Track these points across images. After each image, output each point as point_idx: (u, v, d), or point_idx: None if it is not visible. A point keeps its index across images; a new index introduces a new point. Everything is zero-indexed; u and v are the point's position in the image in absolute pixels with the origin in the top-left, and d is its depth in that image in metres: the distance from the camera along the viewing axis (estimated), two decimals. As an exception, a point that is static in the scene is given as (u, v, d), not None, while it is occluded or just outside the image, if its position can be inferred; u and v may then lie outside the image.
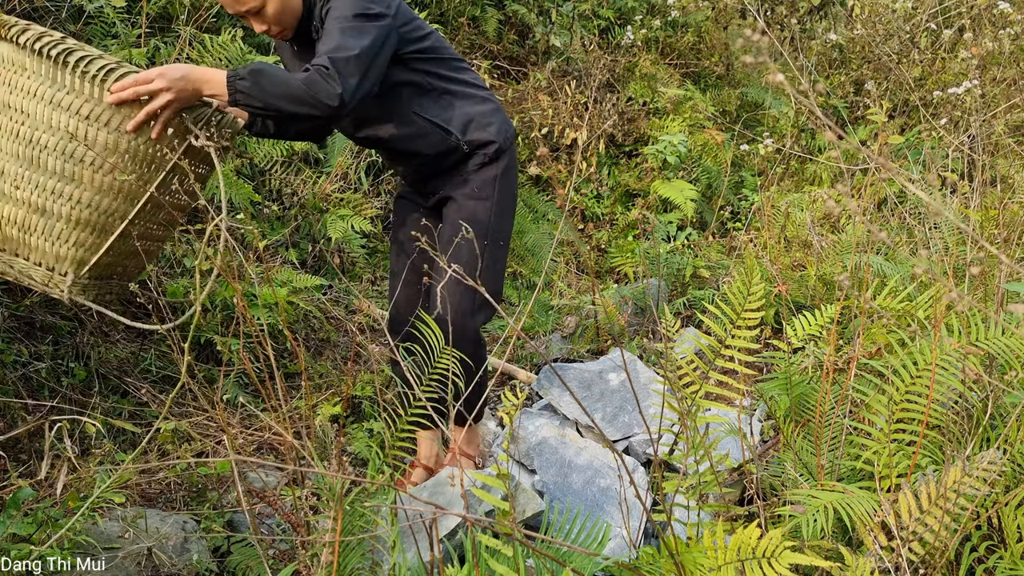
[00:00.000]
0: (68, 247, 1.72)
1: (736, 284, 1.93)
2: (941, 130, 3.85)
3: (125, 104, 1.62)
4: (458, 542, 1.76)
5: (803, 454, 1.84)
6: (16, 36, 1.63)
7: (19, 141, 1.67)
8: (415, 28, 1.94)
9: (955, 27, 4.73)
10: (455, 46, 4.31)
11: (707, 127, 4.51)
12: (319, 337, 2.88)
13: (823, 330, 2.20)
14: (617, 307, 3.13)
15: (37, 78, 1.64)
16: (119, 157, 1.68)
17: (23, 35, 1.62)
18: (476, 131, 2.02)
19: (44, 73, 1.64)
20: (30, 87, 1.65)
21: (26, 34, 1.62)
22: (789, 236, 3.39)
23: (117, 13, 2.91)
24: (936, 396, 1.60)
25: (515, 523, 1.24)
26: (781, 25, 5.31)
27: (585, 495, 2.03)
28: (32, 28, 1.63)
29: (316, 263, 3.26)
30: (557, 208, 4.11)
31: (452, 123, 2.00)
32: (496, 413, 2.62)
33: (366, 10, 1.77)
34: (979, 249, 2.46)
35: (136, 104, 1.62)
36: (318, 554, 1.36)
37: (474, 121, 2.02)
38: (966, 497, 1.38)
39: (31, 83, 1.64)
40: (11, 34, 1.64)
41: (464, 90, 2.03)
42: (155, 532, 1.71)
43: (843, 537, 1.63)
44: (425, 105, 1.99)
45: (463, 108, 2.02)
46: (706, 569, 1.30)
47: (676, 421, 1.86)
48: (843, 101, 4.73)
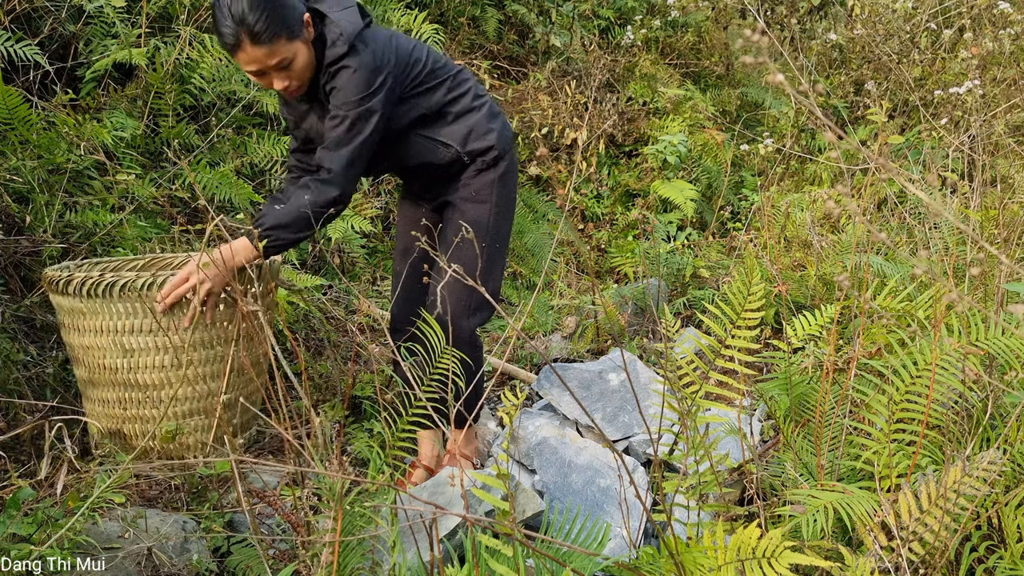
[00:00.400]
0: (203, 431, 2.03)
1: (736, 284, 1.93)
2: (941, 130, 3.85)
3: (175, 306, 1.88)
4: (458, 542, 1.76)
5: (803, 454, 1.84)
6: (64, 287, 1.89)
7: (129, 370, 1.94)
8: (413, 64, 1.97)
9: (955, 27, 4.73)
10: (455, 46, 4.31)
11: (707, 127, 4.51)
12: (319, 337, 2.87)
13: (823, 330, 2.20)
14: (617, 307, 3.13)
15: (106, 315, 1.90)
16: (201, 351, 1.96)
17: (69, 284, 1.88)
18: (475, 141, 2.05)
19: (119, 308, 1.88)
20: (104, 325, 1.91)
21: (72, 283, 1.87)
22: (789, 236, 3.39)
23: (117, 13, 2.92)
24: (936, 396, 1.60)
25: (515, 523, 1.24)
26: (781, 25, 5.31)
27: (585, 495, 2.03)
28: (74, 275, 1.89)
29: (316, 263, 3.26)
30: (557, 208, 4.11)
31: (453, 137, 2.04)
32: (496, 413, 2.62)
33: (365, 102, 1.85)
34: (979, 250, 2.47)
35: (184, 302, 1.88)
36: (318, 554, 1.36)
37: (473, 131, 2.05)
38: (966, 497, 1.38)
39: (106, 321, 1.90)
40: (59, 288, 1.90)
41: (462, 104, 2.06)
42: (155, 532, 1.71)
43: (843, 537, 1.63)
44: (426, 126, 2.04)
45: (463, 122, 2.05)
46: (706, 569, 1.30)
47: (676, 421, 1.86)
48: (843, 101, 4.73)
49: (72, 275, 1.89)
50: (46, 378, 2.23)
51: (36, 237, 2.38)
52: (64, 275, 1.91)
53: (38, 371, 2.23)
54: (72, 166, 2.53)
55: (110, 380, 1.96)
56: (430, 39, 3.86)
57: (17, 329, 2.26)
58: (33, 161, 2.42)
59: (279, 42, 1.76)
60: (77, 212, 2.50)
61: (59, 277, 1.91)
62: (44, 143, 2.45)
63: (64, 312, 1.96)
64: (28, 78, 2.77)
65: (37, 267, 2.37)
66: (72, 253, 2.45)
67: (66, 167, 2.51)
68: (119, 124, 2.77)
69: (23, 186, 2.39)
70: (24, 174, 2.38)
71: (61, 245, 2.42)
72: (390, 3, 3.94)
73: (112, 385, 1.96)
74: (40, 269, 2.37)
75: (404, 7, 4.00)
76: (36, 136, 2.44)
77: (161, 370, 1.94)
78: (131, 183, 2.66)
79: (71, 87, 2.86)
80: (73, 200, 2.53)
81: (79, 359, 2.01)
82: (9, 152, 2.39)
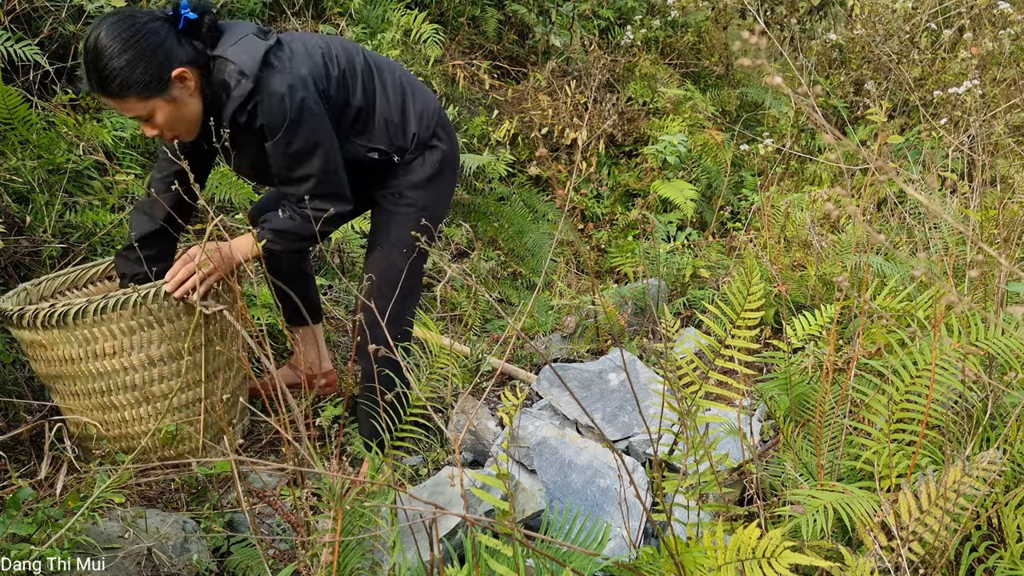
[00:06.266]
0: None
1: (736, 284, 1.93)
2: (941, 130, 3.85)
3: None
4: (458, 542, 1.76)
5: (803, 454, 1.84)
6: (18, 320, 1.85)
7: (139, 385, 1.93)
8: (331, 88, 1.88)
9: (955, 27, 4.73)
10: (455, 46, 4.31)
11: (707, 127, 4.51)
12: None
13: (823, 330, 2.20)
14: (617, 307, 3.13)
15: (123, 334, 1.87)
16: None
17: (23, 318, 1.83)
18: (399, 136, 2.00)
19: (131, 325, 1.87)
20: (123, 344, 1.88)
21: (25, 316, 1.83)
22: (789, 236, 3.39)
23: (117, 13, 2.91)
24: (936, 396, 1.60)
25: (515, 523, 1.24)
26: (781, 25, 5.31)
27: (585, 495, 2.03)
28: (26, 309, 1.84)
29: (316, 263, 3.26)
30: (557, 208, 4.11)
31: (377, 141, 1.98)
32: (496, 413, 2.62)
33: (301, 116, 1.77)
34: (978, 251, 2.47)
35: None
36: (318, 554, 1.37)
37: (390, 126, 1.99)
38: (966, 497, 1.38)
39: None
40: (14, 321, 1.87)
41: (374, 109, 1.98)
42: (155, 532, 1.71)
43: (843, 537, 1.63)
44: (353, 131, 1.97)
45: (380, 122, 1.98)
46: (706, 569, 1.30)
47: (676, 421, 1.86)
48: (843, 101, 4.73)
49: (24, 309, 1.82)
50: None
51: (36, 237, 2.38)
52: (16, 309, 1.83)
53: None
54: (72, 166, 2.53)
55: (87, 406, 1.92)
56: (430, 39, 3.86)
57: (17, 329, 2.26)
58: (33, 161, 2.42)
59: (129, 99, 1.68)
60: (77, 212, 2.50)
61: (12, 311, 1.83)
62: (44, 143, 2.45)
63: (26, 344, 1.90)
64: (28, 78, 2.77)
65: (37, 267, 2.37)
66: (72, 253, 2.45)
67: (66, 167, 2.51)
68: (119, 124, 2.77)
69: (23, 186, 2.39)
70: (24, 174, 2.38)
71: (61, 245, 2.42)
72: (390, 3, 3.94)
73: (90, 410, 1.93)
74: (40, 269, 2.37)
75: (404, 7, 4.00)
76: (36, 136, 2.44)
77: (134, 389, 1.91)
78: (131, 183, 2.66)
79: (71, 87, 2.86)
80: (73, 200, 2.53)
81: (52, 388, 1.97)
82: (9, 152, 2.39)
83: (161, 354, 1.90)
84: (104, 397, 1.90)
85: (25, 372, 2.20)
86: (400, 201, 2.04)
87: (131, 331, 1.85)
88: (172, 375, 1.93)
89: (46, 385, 2.01)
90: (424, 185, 2.04)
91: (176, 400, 1.95)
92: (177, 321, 1.90)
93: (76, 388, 1.90)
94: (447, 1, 4.36)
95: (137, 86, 1.66)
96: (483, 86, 4.32)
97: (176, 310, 1.89)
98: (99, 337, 1.83)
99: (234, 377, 2.12)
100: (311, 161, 1.82)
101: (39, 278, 2.12)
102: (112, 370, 1.87)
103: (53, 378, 1.92)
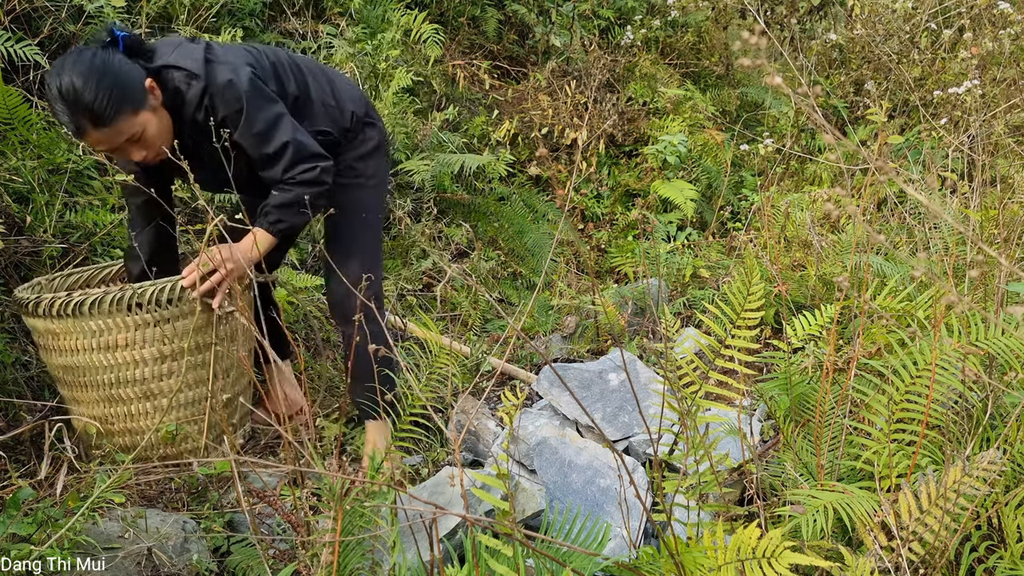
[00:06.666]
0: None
1: (736, 284, 1.93)
2: (941, 130, 3.85)
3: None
4: (458, 542, 1.76)
5: (803, 454, 1.84)
6: (34, 309, 1.88)
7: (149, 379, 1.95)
8: (267, 78, 1.93)
9: (955, 27, 4.72)
10: (455, 46, 4.31)
11: (707, 127, 4.51)
12: (319, 337, 2.87)
13: (823, 330, 2.20)
14: (617, 307, 3.13)
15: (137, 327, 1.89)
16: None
17: (39, 306, 1.87)
18: (339, 117, 2.07)
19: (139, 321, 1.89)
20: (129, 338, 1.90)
21: (41, 305, 1.87)
22: (789, 236, 3.39)
23: (117, 13, 2.92)
24: (936, 396, 1.60)
25: (515, 523, 1.24)
26: (781, 25, 5.31)
27: (585, 495, 2.03)
28: (43, 297, 1.88)
29: (316, 263, 3.26)
30: (557, 208, 4.11)
31: (319, 123, 2.04)
32: (496, 413, 2.62)
33: (252, 94, 1.82)
34: (978, 251, 2.47)
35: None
36: (318, 554, 1.37)
37: (329, 109, 2.06)
38: (966, 497, 1.38)
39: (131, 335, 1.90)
40: (30, 310, 1.89)
41: (309, 95, 2.05)
42: (155, 532, 1.71)
43: (843, 537, 1.63)
44: (299, 123, 2.02)
45: (319, 106, 2.05)
46: (706, 569, 1.30)
47: (676, 421, 1.86)
48: (843, 101, 4.72)
49: (41, 297, 1.87)
50: (46, 378, 2.23)
51: (36, 237, 2.38)
52: (33, 297, 1.88)
53: (38, 371, 2.23)
54: (72, 166, 2.53)
55: (94, 398, 1.95)
56: (430, 39, 3.86)
57: (17, 329, 2.26)
58: (33, 161, 2.42)
59: (124, 118, 1.70)
60: (77, 212, 2.50)
61: (28, 299, 1.88)
62: (44, 143, 2.45)
63: (39, 334, 1.94)
64: (28, 78, 2.77)
65: (37, 267, 2.37)
66: (72, 253, 2.45)
67: (66, 167, 2.51)
68: (119, 124, 2.76)
69: (23, 186, 2.39)
70: (24, 174, 2.38)
71: (61, 245, 2.42)
72: (390, 3, 3.94)
73: (96, 402, 1.95)
74: (40, 269, 2.37)
75: (404, 7, 4.00)
76: (36, 136, 2.44)
77: (143, 383, 1.93)
78: (131, 183, 2.65)
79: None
80: (73, 200, 2.53)
81: (61, 379, 1.99)
82: (9, 152, 2.39)
83: (172, 350, 1.92)
84: (112, 389, 1.92)
85: (25, 372, 2.20)
86: (351, 174, 2.12)
87: (144, 324, 1.88)
88: (180, 371, 1.94)
89: (54, 376, 2.02)
90: (369, 156, 2.15)
91: (182, 397, 1.97)
92: (191, 318, 1.91)
93: (85, 379, 1.92)
94: (447, 1, 4.35)
95: (127, 101, 1.70)
96: (483, 86, 4.32)
97: (191, 306, 1.90)
98: (112, 328, 1.86)
99: (239, 378, 2.12)
100: (280, 129, 1.87)
101: (52, 274, 2.17)
102: (122, 362, 1.90)
103: (63, 368, 1.94)
